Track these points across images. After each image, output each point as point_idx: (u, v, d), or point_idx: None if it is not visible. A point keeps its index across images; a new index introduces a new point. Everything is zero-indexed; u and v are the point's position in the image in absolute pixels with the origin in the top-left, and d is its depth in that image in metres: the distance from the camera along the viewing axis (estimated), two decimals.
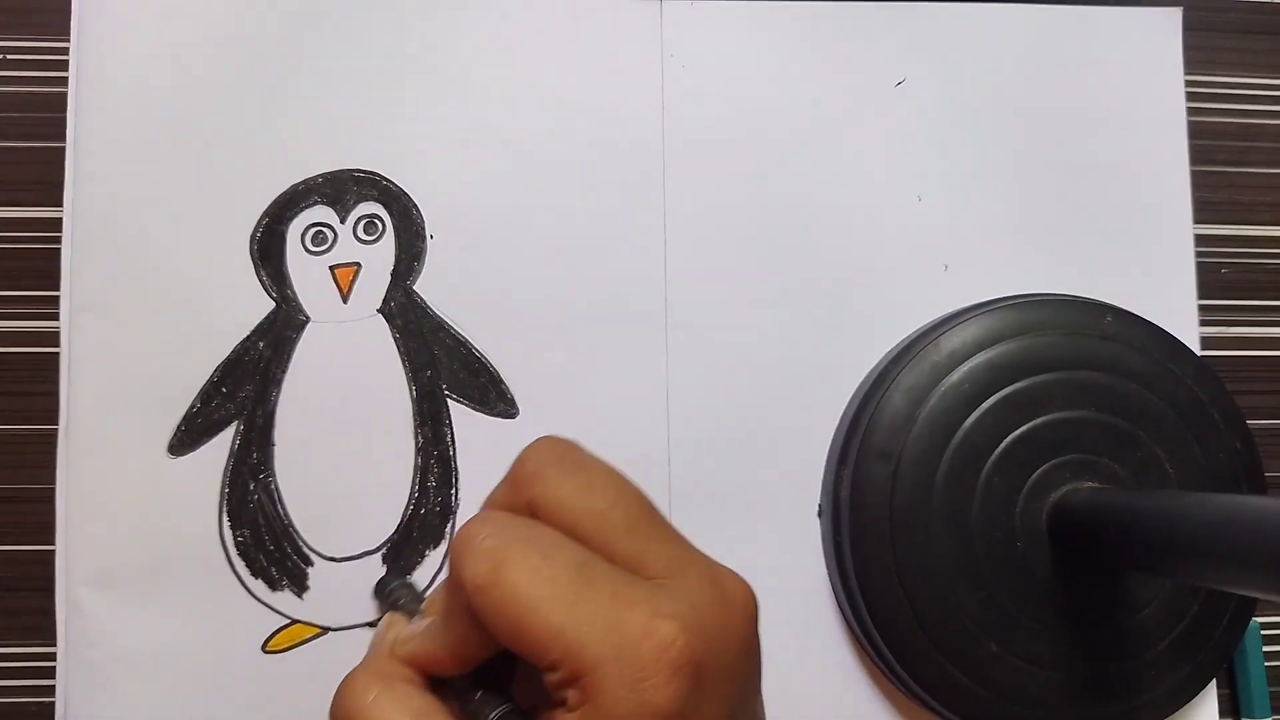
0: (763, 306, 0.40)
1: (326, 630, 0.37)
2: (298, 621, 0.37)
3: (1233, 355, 0.43)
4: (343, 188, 0.39)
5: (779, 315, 0.40)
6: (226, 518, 0.38)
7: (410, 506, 0.38)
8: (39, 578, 0.37)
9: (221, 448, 0.38)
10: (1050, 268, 0.41)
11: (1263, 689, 0.40)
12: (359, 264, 0.39)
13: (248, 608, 0.37)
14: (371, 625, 0.37)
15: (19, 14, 0.40)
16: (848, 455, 0.37)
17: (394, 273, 0.39)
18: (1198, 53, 0.43)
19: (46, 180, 0.39)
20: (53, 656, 0.37)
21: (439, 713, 0.24)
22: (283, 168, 0.39)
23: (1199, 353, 0.41)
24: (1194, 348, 0.41)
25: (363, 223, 0.39)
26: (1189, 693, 0.37)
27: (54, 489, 0.37)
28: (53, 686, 0.37)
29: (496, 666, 0.26)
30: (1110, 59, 0.42)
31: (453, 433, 0.39)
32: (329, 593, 0.37)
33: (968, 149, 0.42)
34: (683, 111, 0.41)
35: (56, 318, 0.38)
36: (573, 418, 0.39)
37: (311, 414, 0.38)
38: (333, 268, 0.39)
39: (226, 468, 0.38)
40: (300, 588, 0.37)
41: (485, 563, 0.23)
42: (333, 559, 0.38)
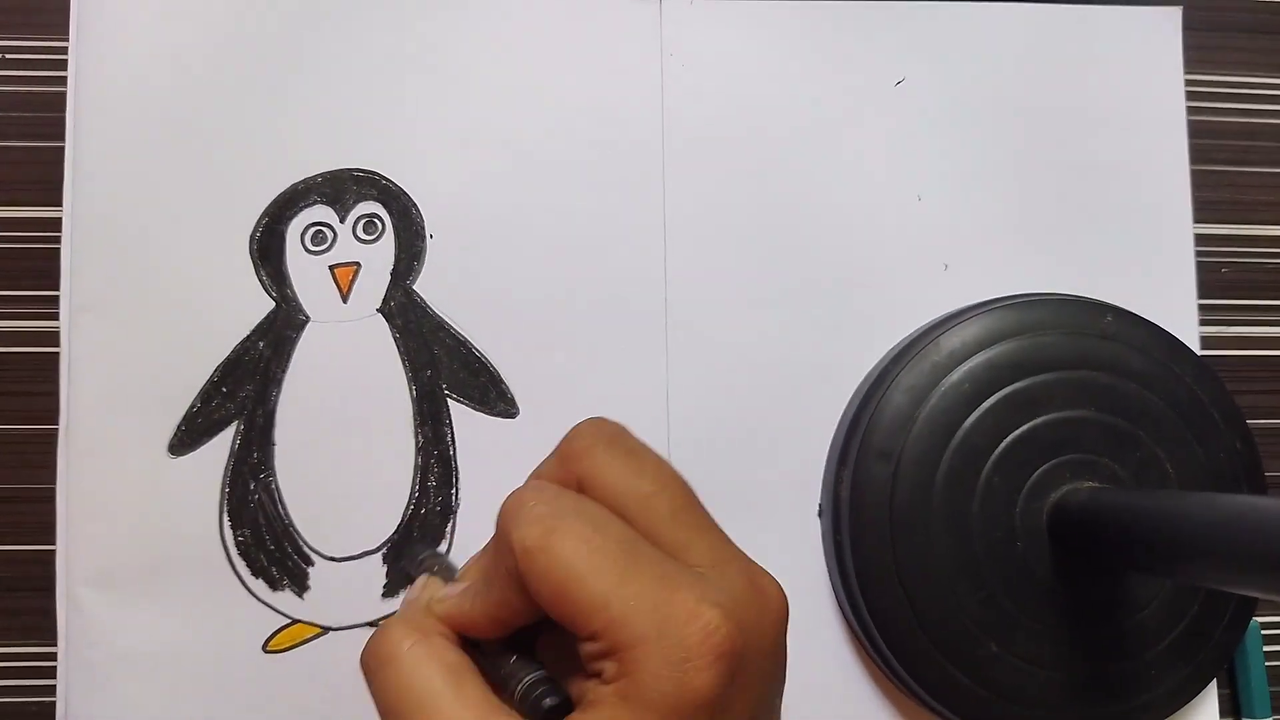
0: (763, 306, 0.40)
1: (327, 630, 0.37)
2: (298, 621, 0.37)
3: (1233, 355, 0.43)
4: (342, 187, 0.39)
5: (779, 315, 0.40)
6: (227, 517, 0.38)
7: (410, 506, 0.38)
8: (39, 578, 0.37)
9: (222, 447, 0.38)
10: (1050, 267, 0.41)
11: (1263, 689, 0.40)
12: (359, 263, 0.39)
13: (248, 607, 0.37)
14: (373, 625, 0.37)
15: (19, 14, 0.40)
16: (848, 455, 0.37)
17: (394, 272, 0.39)
18: (1198, 52, 0.43)
19: (46, 180, 0.39)
20: (53, 656, 0.37)
21: (471, 671, 0.24)
22: (282, 167, 0.39)
23: (1199, 352, 0.41)
24: (1194, 347, 0.41)
25: (362, 222, 0.39)
26: (1189, 693, 0.37)
27: (54, 489, 0.38)
28: (53, 686, 0.37)
29: (525, 633, 0.26)
30: (1110, 58, 0.42)
31: (453, 432, 0.39)
32: (329, 592, 0.38)
33: (968, 148, 0.42)
34: (682, 111, 0.41)
35: (56, 317, 0.38)
36: (573, 418, 0.38)
37: (312, 414, 0.38)
38: (332, 267, 0.39)
39: (227, 467, 0.38)
40: (301, 587, 0.37)
41: (536, 527, 0.23)
42: (333, 559, 0.38)
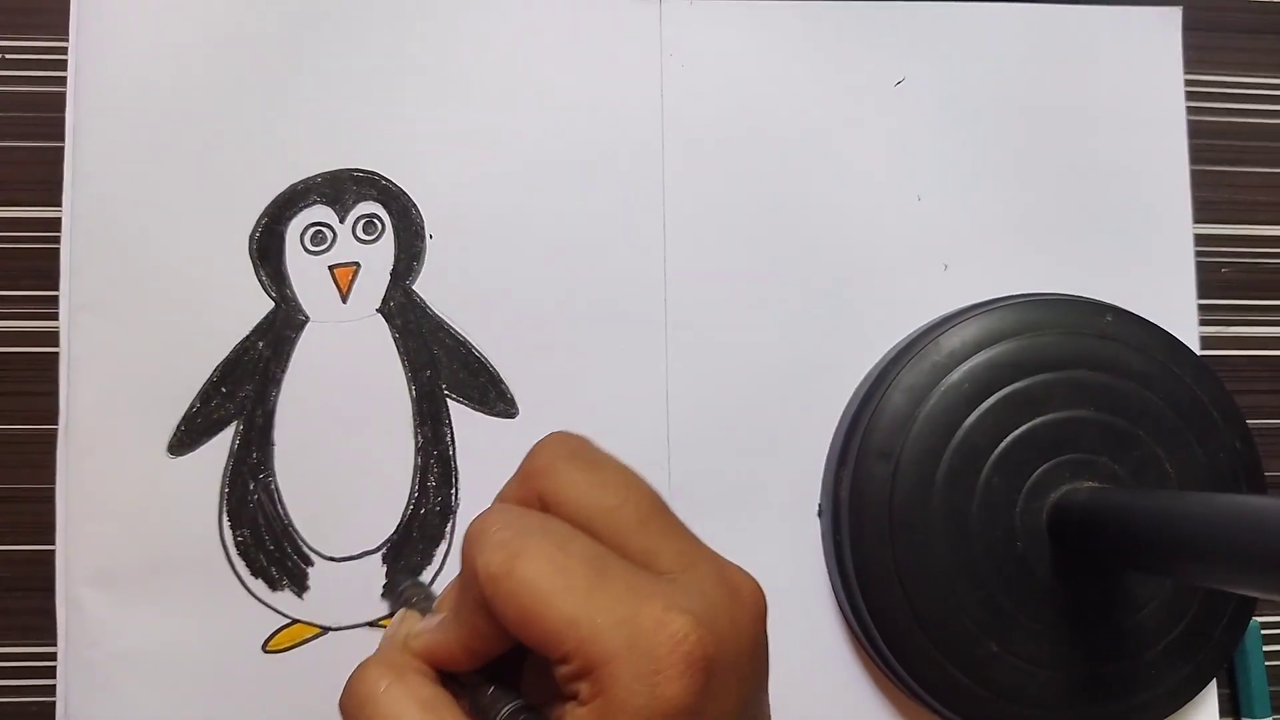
0: (763, 306, 0.40)
1: (327, 630, 0.37)
2: (298, 621, 0.37)
3: (1232, 355, 0.43)
4: (342, 187, 0.39)
5: (779, 315, 0.40)
6: (226, 517, 0.38)
7: (410, 506, 0.38)
8: (39, 577, 0.37)
9: (221, 447, 0.38)
10: (1050, 267, 0.41)
11: (1263, 688, 0.40)
12: (358, 264, 0.39)
13: (248, 607, 0.37)
14: (373, 625, 0.37)
15: (18, 14, 0.40)
16: (848, 455, 0.37)
17: (393, 272, 0.39)
18: (1197, 52, 0.43)
19: (46, 180, 0.39)
20: (53, 656, 0.37)
21: (448, 705, 0.24)
22: (282, 167, 0.39)
23: (1198, 352, 0.41)
24: (1193, 347, 0.41)
25: (362, 222, 0.39)
26: (1189, 692, 0.37)
27: (54, 489, 0.38)
28: (53, 686, 0.37)
29: (506, 664, 0.26)
30: (1110, 58, 0.42)
31: (452, 432, 0.39)
32: (329, 592, 0.38)
33: (967, 149, 0.42)
34: (682, 111, 0.41)
35: (56, 317, 0.38)
36: (573, 418, 0.39)
37: (311, 414, 0.38)
38: (332, 267, 0.39)
39: (226, 467, 0.38)
40: (300, 587, 0.38)
41: (499, 552, 0.23)
42: (333, 559, 0.38)
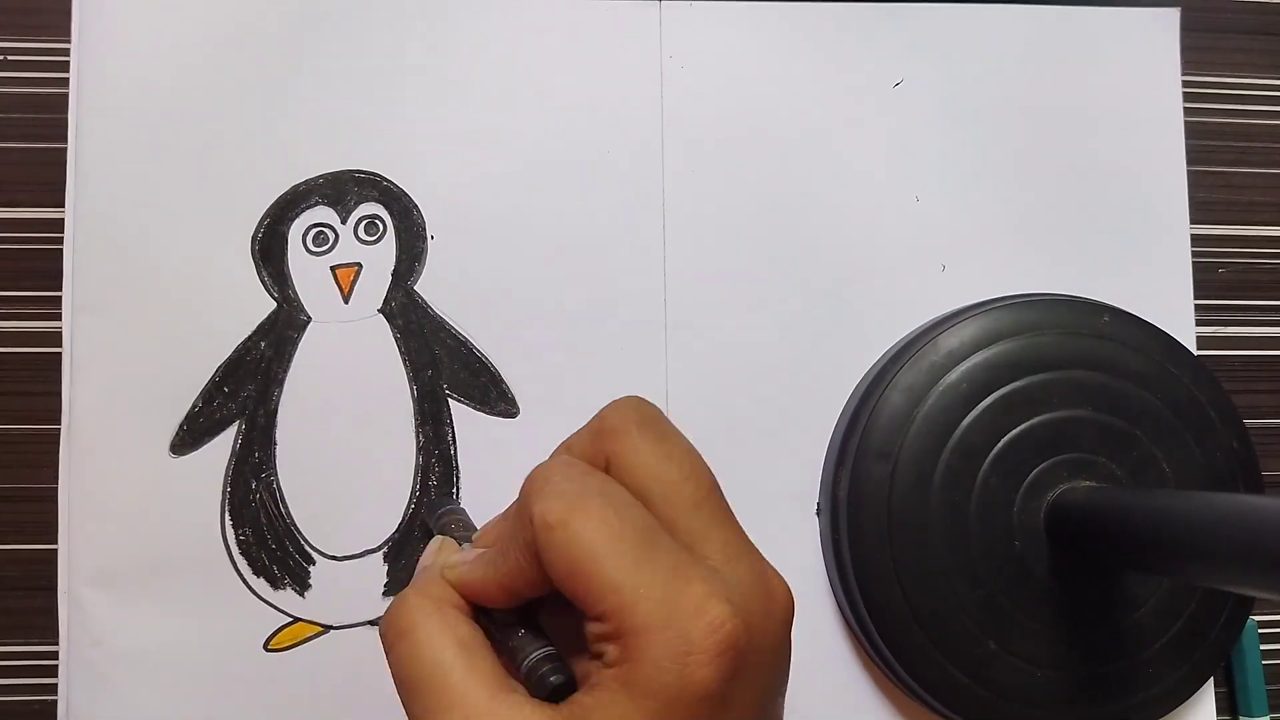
0: (762, 307, 0.40)
1: (328, 629, 0.38)
2: (300, 620, 0.37)
3: (1229, 355, 0.43)
4: (343, 188, 0.39)
5: (778, 315, 0.40)
6: (228, 517, 0.38)
7: (411, 505, 0.38)
8: (41, 577, 0.38)
9: (223, 447, 0.38)
10: (1048, 267, 0.41)
11: (1260, 687, 0.40)
12: (360, 264, 0.39)
13: (250, 606, 0.37)
14: (374, 624, 0.38)
15: (20, 15, 0.40)
16: (846, 454, 0.38)
17: (395, 273, 0.39)
18: (1195, 53, 0.43)
19: (48, 181, 0.39)
20: (55, 656, 0.37)
21: (483, 646, 0.24)
22: (283, 168, 0.39)
23: (1196, 352, 0.41)
24: (1191, 347, 0.41)
25: (363, 223, 0.39)
26: (1187, 691, 0.37)
27: (56, 488, 0.38)
28: (55, 685, 0.37)
29: (533, 605, 0.26)
30: (1108, 59, 0.43)
31: (454, 432, 0.39)
32: (331, 591, 0.38)
33: (966, 149, 0.42)
34: (682, 112, 0.41)
35: (58, 318, 0.38)
36: (573, 417, 0.39)
37: (313, 413, 0.38)
38: (334, 268, 0.39)
39: (228, 467, 0.38)
40: (302, 586, 0.38)
41: (559, 502, 0.23)
42: (334, 558, 0.38)
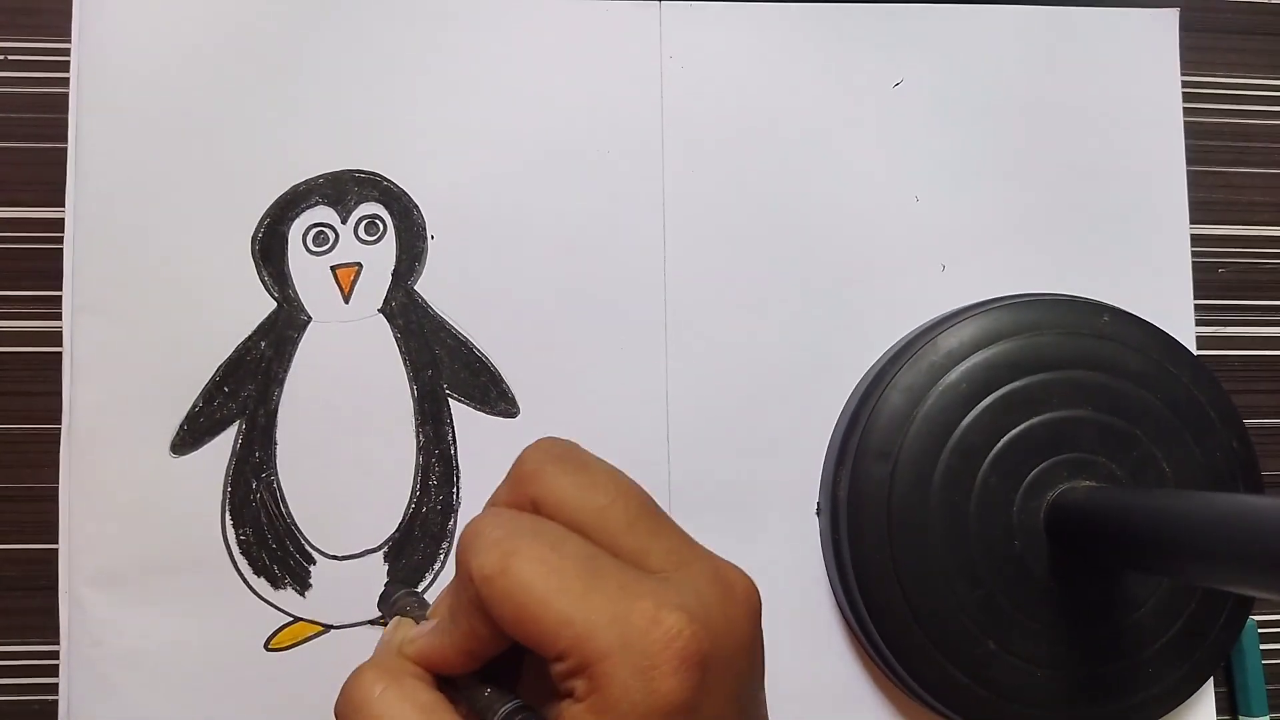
0: (761, 307, 0.40)
1: (329, 628, 0.38)
2: (300, 619, 0.37)
3: (1229, 355, 0.43)
4: (344, 188, 0.39)
5: (778, 315, 0.40)
6: (229, 516, 0.38)
7: (412, 505, 0.38)
8: (42, 577, 0.38)
9: (224, 447, 0.38)
10: (1047, 267, 0.41)
11: (1260, 687, 0.40)
12: (360, 264, 0.39)
13: (250, 606, 0.37)
14: (374, 623, 0.38)
15: (20, 15, 0.40)
16: (846, 454, 0.38)
17: (395, 273, 0.39)
18: (1194, 53, 0.43)
19: (48, 181, 0.39)
20: (56, 655, 0.37)
21: (445, 709, 0.24)
22: (284, 168, 0.39)
23: (1195, 352, 0.41)
24: (1190, 347, 0.41)
25: (364, 223, 0.39)
26: (1186, 691, 0.37)
27: (57, 488, 0.38)
28: (56, 685, 0.37)
29: (503, 666, 0.26)
30: (1107, 59, 0.43)
31: (454, 432, 0.39)
32: (331, 591, 0.38)
33: (965, 149, 0.42)
34: (682, 112, 0.41)
35: (59, 318, 0.38)
36: (573, 417, 0.39)
37: (313, 413, 0.38)
38: (334, 268, 0.39)
39: (229, 466, 0.38)
40: (302, 586, 0.38)
41: (493, 553, 0.23)
42: (335, 557, 0.38)
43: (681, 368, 0.40)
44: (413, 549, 0.38)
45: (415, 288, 0.39)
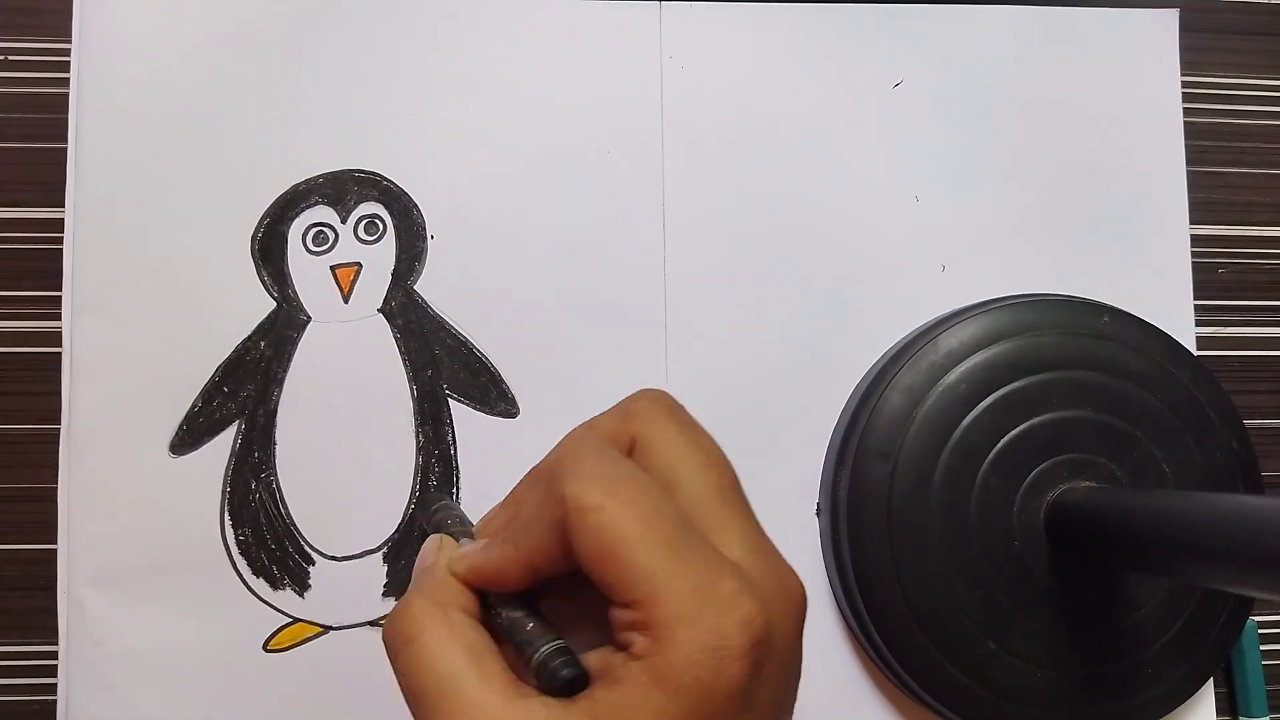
0: (762, 307, 0.40)
1: (328, 629, 0.38)
2: (299, 620, 0.37)
3: (1229, 355, 0.43)
4: (343, 188, 0.39)
5: (778, 315, 0.40)
6: (228, 517, 0.38)
7: (411, 505, 0.38)
8: (41, 577, 0.38)
9: (223, 447, 0.38)
10: (1047, 268, 0.41)
11: (1260, 687, 0.40)
12: (360, 264, 0.39)
13: (249, 607, 0.37)
14: (374, 624, 0.38)
15: (20, 15, 0.40)
16: (846, 455, 0.38)
17: (395, 273, 0.39)
18: (1194, 53, 0.43)
19: (48, 181, 0.39)
20: (54, 655, 0.37)
21: (491, 650, 0.24)
22: (283, 168, 0.39)
23: (1195, 352, 0.41)
24: (1190, 347, 0.41)
25: (363, 223, 0.39)
26: (1186, 691, 0.37)
27: (56, 488, 0.38)
28: (54, 685, 0.37)
29: (534, 601, 0.26)
30: (1107, 60, 0.43)
31: (453, 432, 0.39)
32: (330, 592, 0.38)
33: (965, 150, 0.42)
34: (682, 112, 0.41)
35: (58, 318, 0.38)
36: (573, 417, 0.39)
37: (313, 413, 0.38)
38: (333, 268, 0.39)
39: (228, 467, 0.38)
40: (302, 587, 0.38)
41: (598, 486, 0.23)
42: (334, 558, 0.38)
43: (681, 368, 0.40)
44: (412, 550, 0.38)
45: (415, 287, 0.39)
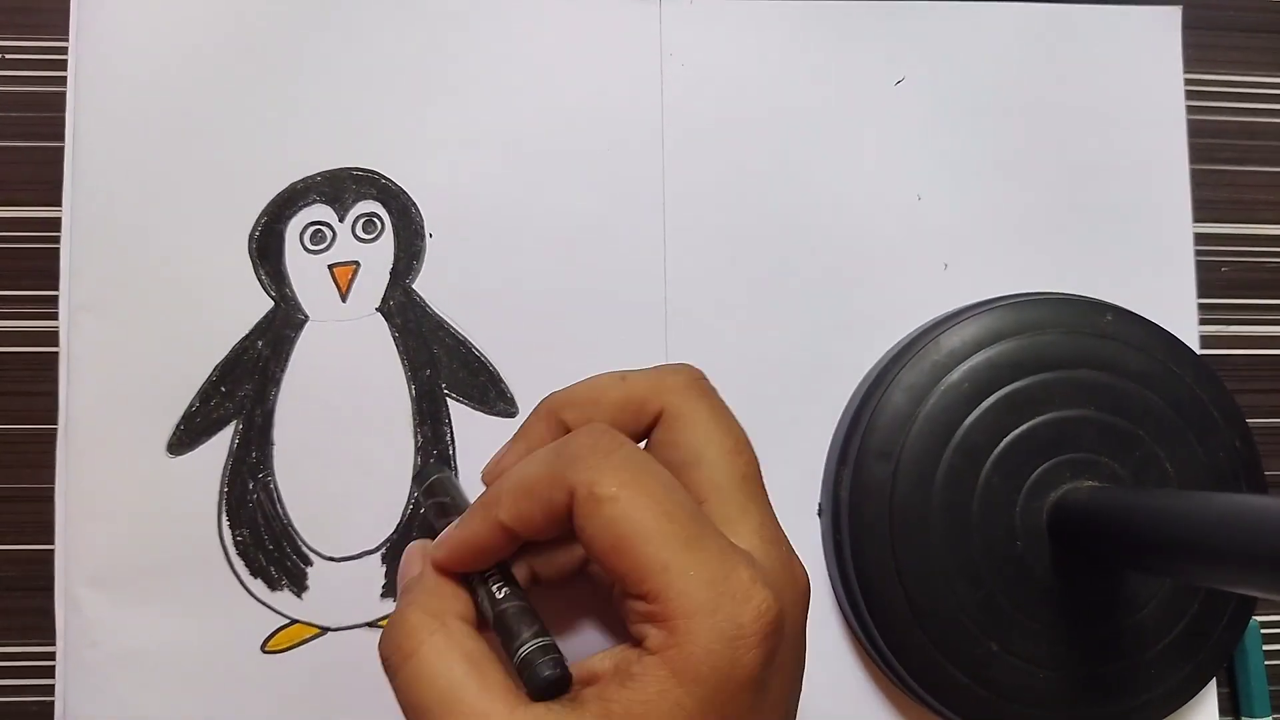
0: (762, 306, 0.40)
1: (326, 630, 0.37)
2: (297, 621, 0.37)
3: (1232, 354, 0.43)
4: (341, 186, 0.39)
5: (779, 315, 0.40)
6: (225, 517, 0.38)
7: (410, 506, 0.38)
8: (38, 577, 0.37)
9: (220, 447, 0.38)
10: (1049, 266, 0.41)
11: (1263, 688, 0.40)
12: (358, 263, 0.39)
13: (247, 607, 0.37)
14: (373, 626, 0.37)
15: (18, 13, 0.40)
16: (848, 454, 0.37)
17: (393, 271, 0.39)
18: (1197, 51, 0.43)
19: (46, 180, 0.39)
20: (52, 656, 0.37)
21: (490, 657, 0.24)
22: (281, 166, 0.39)
23: (1198, 351, 0.41)
24: (1193, 346, 0.41)
25: (361, 221, 0.39)
26: (1189, 692, 0.37)
27: (53, 488, 0.38)
28: (52, 686, 0.37)
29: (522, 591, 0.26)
30: (1110, 57, 0.42)
31: (452, 432, 0.39)
32: (328, 592, 0.37)
33: (967, 148, 0.42)
34: (682, 111, 0.41)
35: (56, 317, 0.38)
36: None
37: (311, 413, 0.38)
38: (331, 266, 0.39)
39: (225, 467, 0.38)
40: (299, 587, 0.37)
41: (614, 475, 0.23)
42: (332, 559, 0.38)
43: None
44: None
45: (413, 286, 0.39)
